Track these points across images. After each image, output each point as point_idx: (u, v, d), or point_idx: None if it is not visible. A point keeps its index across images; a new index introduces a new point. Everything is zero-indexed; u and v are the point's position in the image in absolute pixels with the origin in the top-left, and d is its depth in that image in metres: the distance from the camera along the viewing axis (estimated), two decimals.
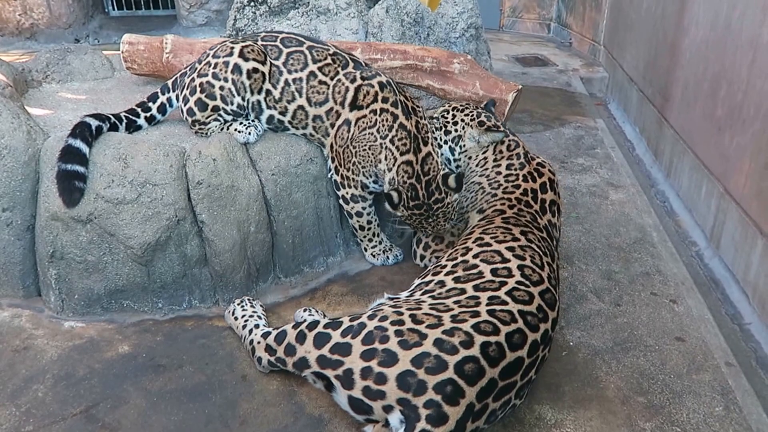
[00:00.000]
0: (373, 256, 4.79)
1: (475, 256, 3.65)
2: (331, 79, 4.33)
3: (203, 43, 5.42)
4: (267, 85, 4.34)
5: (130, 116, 4.42)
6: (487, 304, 3.24)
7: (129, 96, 5.21)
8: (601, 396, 3.59)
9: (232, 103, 4.29)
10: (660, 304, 4.45)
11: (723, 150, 5.19)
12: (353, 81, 4.31)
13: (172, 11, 13.32)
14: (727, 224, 4.97)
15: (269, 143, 4.39)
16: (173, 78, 4.57)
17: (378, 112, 4.24)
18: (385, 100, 4.25)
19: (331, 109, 4.33)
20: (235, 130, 4.30)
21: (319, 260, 4.72)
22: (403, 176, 4.21)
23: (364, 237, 4.73)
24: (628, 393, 3.62)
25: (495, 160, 4.57)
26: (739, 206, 4.77)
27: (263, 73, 4.32)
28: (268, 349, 3.52)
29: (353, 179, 4.40)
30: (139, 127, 4.50)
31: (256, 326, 3.78)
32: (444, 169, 4.35)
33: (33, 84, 5.36)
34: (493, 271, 3.48)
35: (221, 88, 4.25)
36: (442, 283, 3.53)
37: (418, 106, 4.40)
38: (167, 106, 4.55)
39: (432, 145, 4.33)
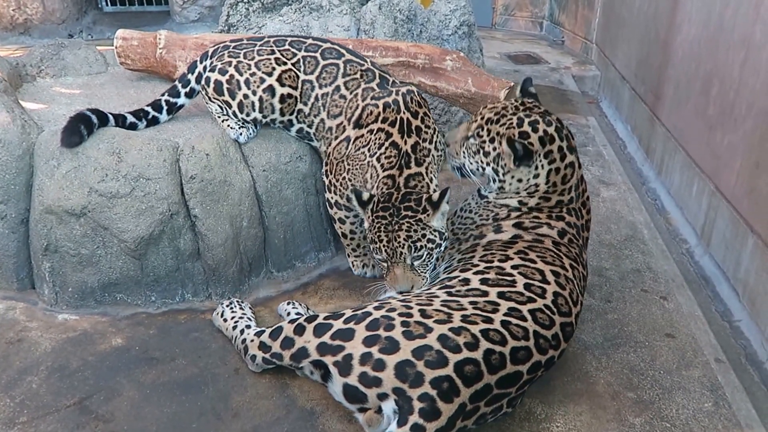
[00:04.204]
0: (353, 266, 4.67)
1: (514, 267, 3.53)
2: (351, 93, 4.26)
3: (196, 38, 5.43)
4: (299, 106, 4.34)
5: (171, 99, 4.51)
6: (505, 314, 3.19)
7: (123, 91, 5.22)
8: (591, 391, 3.62)
9: (247, 115, 4.29)
10: (650, 300, 4.48)
11: (714, 148, 5.22)
12: (364, 99, 4.21)
13: (165, 7, 13.32)
14: (718, 222, 5.00)
15: (260, 140, 4.41)
16: (215, 47, 4.49)
17: (374, 131, 4.11)
18: (384, 120, 4.09)
19: (341, 123, 4.27)
20: (228, 126, 4.31)
21: (310, 255, 4.73)
22: (382, 188, 3.92)
23: (348, 245, 4.63)
24: (618, 388, 3.64)
25: (545, 192, 3.87)
26: (730, 204, 4.80)
27: (296, 98, 4.31)
28: (263, 346, 3.51)
29: (341, 191, 4.31)
30: (182, 106, 4.59)
31: (248, 326, 3.77)
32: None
33: (27, 78, 5.35)
34: (527, 286, 3.39)
35: (245, 96, 4.23)
36: (466, 281, 3.48)
37: (426, 127, 4.11)
38: (203, 73, 4.46)
39: (428, 168, 4.02)
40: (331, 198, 4.41)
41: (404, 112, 4.07)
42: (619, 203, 5.99)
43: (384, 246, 3.79)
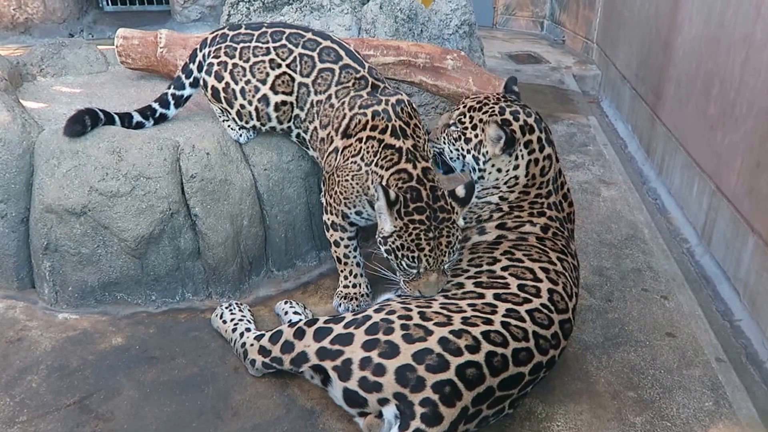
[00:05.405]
0: (337, 296, 4.25)
1: (503, 269, 3.50)
2: (339, 102, 4.08)
3: (197, 38, 5.42)
4: (296, 111, 4.24)
5: (176, 92, 4.49)
6: (504, 316, 3.17)
7: (123, 90, 5.21)
8: (592, 390, 3.61)
9: (246, 122, 4.24)
10: (651, 300, 4.47)
11: (715, 148, 5.21)
12: (351, 108, 4.01)
13: (166, 6, 13.29)
14: (719, 221, 5.00)
15: (262, 139, 4.41)
16: (214, 34, 4.38)
17: (364, 140, 3.86)
18: (374, 128, 3.85)
19: (329, 134, 4.11)
20: (229, 126, 4.30)
21: (311, 254, 4.73)
22: (397, 182, 3.62)
23: (341, 272, 4.27)
24: (619, 388, 3.64)
25: (525, 186, 3.94)
26: (731, 204, 4.80)
27: (291, 104, 4.20)
28: (262, 350, 3.48)
29: (335, 207, 4.10)
30: (189, 97, 4.56)
31: (247, 330, 3.74)
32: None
33: (28, 78, 5.34)
34: (521, 287, 3.37)
35: (242, 106, 4.18)
36: (460, 285, 3.47)
37: (418, 137, 3.89)
38: (203, 62, 4.38)
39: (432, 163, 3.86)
40: (328, 219, 4.19)
41: (395, 121, 3.86)
42: (619, 203, 5.98)
43: (426, 255, 3.44)
